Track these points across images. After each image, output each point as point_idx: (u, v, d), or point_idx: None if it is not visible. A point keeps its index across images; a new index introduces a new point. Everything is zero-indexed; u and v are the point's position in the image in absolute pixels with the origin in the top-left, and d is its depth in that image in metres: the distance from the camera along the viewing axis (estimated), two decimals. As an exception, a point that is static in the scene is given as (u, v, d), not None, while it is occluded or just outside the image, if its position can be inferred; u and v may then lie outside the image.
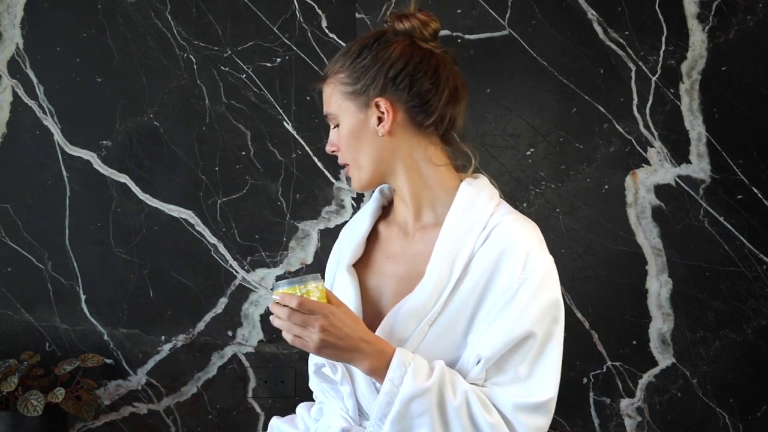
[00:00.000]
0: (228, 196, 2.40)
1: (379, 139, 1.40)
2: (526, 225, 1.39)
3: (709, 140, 2.35)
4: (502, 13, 2.38)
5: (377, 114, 1.39)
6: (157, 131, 2.40)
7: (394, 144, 1.40)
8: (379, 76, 1.38)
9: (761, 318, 2.36)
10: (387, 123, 1.39)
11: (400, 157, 1.41)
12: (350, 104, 1.40)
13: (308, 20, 2.40)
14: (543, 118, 2.38)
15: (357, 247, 1.48)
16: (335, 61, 1.42)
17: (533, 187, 2.38)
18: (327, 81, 1.43)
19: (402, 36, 1.41)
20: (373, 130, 1.40)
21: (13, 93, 2.38)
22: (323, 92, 1.45)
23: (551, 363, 1.36)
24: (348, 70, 1.40)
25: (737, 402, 2.37)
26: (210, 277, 2.40)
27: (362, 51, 1.40)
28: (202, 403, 2.40)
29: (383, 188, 1.54)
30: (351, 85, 1.40)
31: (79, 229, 2.40)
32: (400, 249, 1.46)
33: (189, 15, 2.40)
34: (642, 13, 2.35)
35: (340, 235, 1.60)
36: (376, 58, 1.39)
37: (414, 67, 1.39)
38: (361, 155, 1.41)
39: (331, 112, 1.43)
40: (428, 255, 1.39)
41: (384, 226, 1.51)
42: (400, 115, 1.40)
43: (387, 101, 1.38)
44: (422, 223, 1.44)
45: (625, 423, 2.38)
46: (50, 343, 2.40)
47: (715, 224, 2.36)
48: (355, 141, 1.40)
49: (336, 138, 1.44)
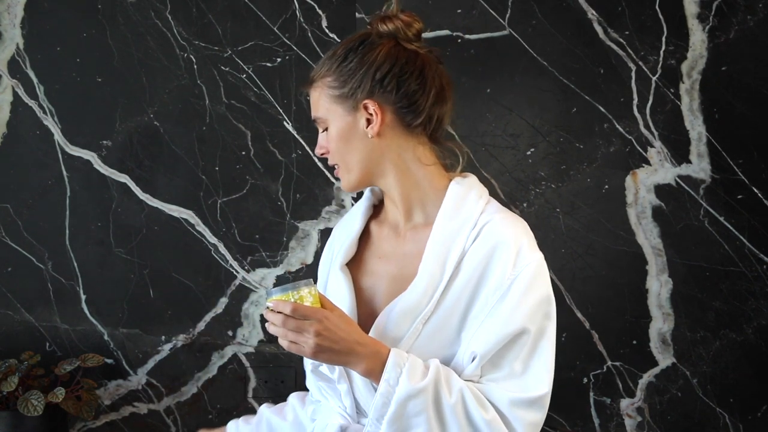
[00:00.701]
0: (228, 196, 2.41)
1: (369, 140, 1.41)
2: (516, 223, 1.41)
3: (710, 140, 2.35)
4: (502, 13, 2.38)
5: (366, 116, 1.41)
6: (157, 131, 2.40)
7: (383, 145, 1.42)
8: (366, 79, 1.39)
9: (761, 318, 2.36)
10: (376, 125, 1.40)
11: (389, 158, 1.43)
12: (338, 107, 1.41)
13: (308, 20, 2.40)
14: (543, 118, 2.38)
15: (350, 246, 1.49)
16: (321, 65, 1.43)
17: (533, 187, 2.38)
18: (314, 85, 1.44)
19: (386, 38, 1.43)
20: (362, 133, 1.41)
21: (13, 93, 2.38)
22: (311, 96, 1.46)
23: (545, 358, 1.37)
24: (334, 74, 1.41)
25: (737, 402, 2.37)
26: (210, 277, 2.40)
27: (348, 54, 1.41)
28: (203, 403, 2.40)
29: (374, 187, 1.55)
30: (338, 89, 1.41)
31: (80, 229, 2.40)
32: (391, 249, 1.47)
33: (189, 15, 2.40)
34: (642, 12, 2.35)
35: (332, 235, 1.61)
36: (362, 61, 1.40)
37: (400, 69, 1.40)
38: (351, 157, 1.42)
39: (319, 116, 1.44)
40: (419, 254, 1.41)
41: (375, 225, 1.52)
42: (389, 117, 1.41)
43: (375, 103, 1.40)
44: (413, 222, 1.46)
45: (625, 423, 2.38)
46: (50, 343, 2.40)
47: (716, 224, 2.36)
48: (345, 144, 1.41)
49: (324, 141, 1.45)
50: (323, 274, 1.56)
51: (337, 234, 1.59)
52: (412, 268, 1.41)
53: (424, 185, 1.45)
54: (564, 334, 2.37)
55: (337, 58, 1.41)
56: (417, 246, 1.43)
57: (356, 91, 1.40)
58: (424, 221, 1.45)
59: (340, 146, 1.41)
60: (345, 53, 1.41)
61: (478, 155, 2.38)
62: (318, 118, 1.44)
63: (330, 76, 1.41)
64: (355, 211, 1.55)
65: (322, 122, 1.44)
